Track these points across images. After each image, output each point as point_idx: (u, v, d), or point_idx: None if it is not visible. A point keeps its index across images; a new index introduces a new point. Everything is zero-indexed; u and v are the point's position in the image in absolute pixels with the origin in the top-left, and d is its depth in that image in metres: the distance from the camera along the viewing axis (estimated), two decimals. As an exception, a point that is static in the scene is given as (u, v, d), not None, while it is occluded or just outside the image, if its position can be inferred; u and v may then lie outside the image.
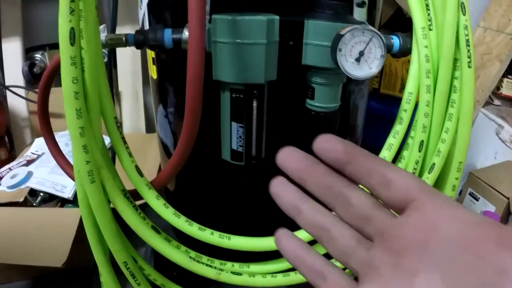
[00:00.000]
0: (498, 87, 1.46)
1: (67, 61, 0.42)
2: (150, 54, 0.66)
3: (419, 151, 0.56)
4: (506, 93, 1.46)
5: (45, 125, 0.61)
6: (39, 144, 1.22)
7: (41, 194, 1.05)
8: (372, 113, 1.05)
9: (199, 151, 0.58)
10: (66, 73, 0.42)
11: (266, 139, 0.53)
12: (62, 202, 1.06)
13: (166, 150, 0.73)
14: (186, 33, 0.49)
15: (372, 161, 0.28)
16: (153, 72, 0.67)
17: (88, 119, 0.45)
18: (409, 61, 1.05)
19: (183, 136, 0.46)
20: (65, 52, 0.42)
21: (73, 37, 0.42)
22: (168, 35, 0.50)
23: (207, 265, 0.56)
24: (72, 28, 0.41)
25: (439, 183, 0.61)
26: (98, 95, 0.47)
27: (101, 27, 0.54)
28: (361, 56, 0.46)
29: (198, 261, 0.56)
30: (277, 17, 0.48)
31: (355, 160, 0.28)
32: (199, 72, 0.41)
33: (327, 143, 0.29)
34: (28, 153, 1.20)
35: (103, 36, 0.53)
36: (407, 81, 0.57)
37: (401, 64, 1.06)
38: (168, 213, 0.54)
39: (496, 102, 1.47)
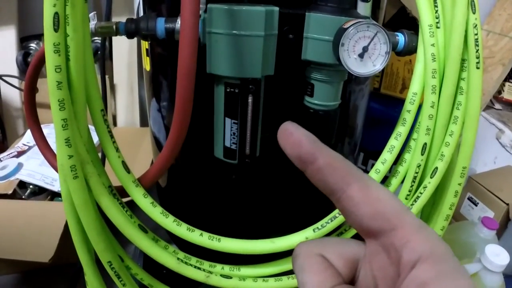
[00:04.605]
0: (499, 91, 1.45)
1: (50, 48, 0.39)
2: (144, 45, 0.64)
3: (422, 154, 0.54)
4: (508, 97, 1.44)
5: (31, 115, 0.59)
6: (31, 136, 1.20)
7: (31, 186, 1.03)
8: (371, 114, 1.03)
9: (191, 148, 0.56)
10: (49, 61, 0.40)
11: (261, 137, 0.51)
12: (52, 195, 1.04)
13: (158, 145, 0.71)
14: (179, 23, 0.46)
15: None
16: (146, 64, 0.65)
17: (72, 110, 0.42)
18: (411, 61, 1.03)
19: (173, 132, 0.44)
20: (48, 38, 0.39)
21: (57, 23, 0.39)
22: (161, 24, 0.48)
23: (195, 267, 0.54)
24: (56, 13, 0.39)
25: (441, 188, 0.59)
26: (85, 86, 0.44)
27: (91, 14, 0.51)
28: (364, 52, 0.43)
29: (186, 263, 0.54)
30: (276, 9, 0.45)
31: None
32: (190, 63, 0.38)
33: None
34: (19, 144, 1.18)
35: (92, 24, 0.50)
36: (411, 80, 0.55)
37: (403, 64, 1.04)
38: (156, 212, 0.51)
39: (497, 106, 1.46)
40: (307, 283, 0.25)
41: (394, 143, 0.55)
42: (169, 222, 0.51)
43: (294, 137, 0.25)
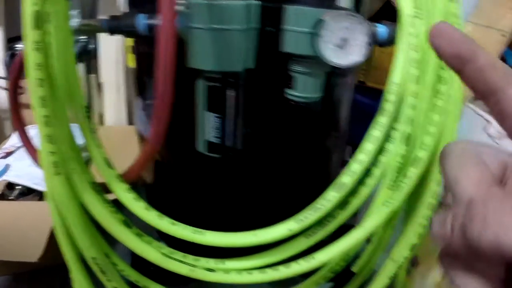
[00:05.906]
0: (487, 83, 1.45)
1: (31, 46, 0.39)
2: (127, 42, 0.64)
3: (404, 144, 0.54)
4: (495, 89, 1.44)
5: (16, 115, 0.59)
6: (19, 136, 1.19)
7: (19, 187, 1.03)
8: (359, 108, 1.04)
9: (175, 143, 0.56)
10: (30, 59, 0.40)
11: (244, 130, 0.51)
12: (41, 195, 1.04)
13: (143, 142, 0.71)
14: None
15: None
16: (130, 61, 0.65)
17: (54, 108, 0.43)
18: (397, 54, 1.04)
19: (154, 125, 0.44)
20: (29, 36, 0.39)
21: (38, 21, 0.39)
22: (142, 21, 0.48)
23: (180, 261, 0.54)
24: (36, 11, 0.39)
25: (424, 178, 0.59)
26: (67, 83, 0.44)
27: (75, 12, 0.51)
28: (344, 43, 0.44)
29: (170, 257, 0.54)
30: (257, 2, 0.45)
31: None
32: (169, 56, 0.39)
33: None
34: (6, 146, 1.17)
35: (76, 21, 0.50)
36: (392, 70, 0.55)
37: (388, 56, 1.04)
38: (139, 207, 0.51)
39: (485, 97, 1.46)
40: (464, 179, 0.23)
41: (376, 133, 0.55)
42: (152, 216, 0.51)
43: (452, 34, 0.24)
